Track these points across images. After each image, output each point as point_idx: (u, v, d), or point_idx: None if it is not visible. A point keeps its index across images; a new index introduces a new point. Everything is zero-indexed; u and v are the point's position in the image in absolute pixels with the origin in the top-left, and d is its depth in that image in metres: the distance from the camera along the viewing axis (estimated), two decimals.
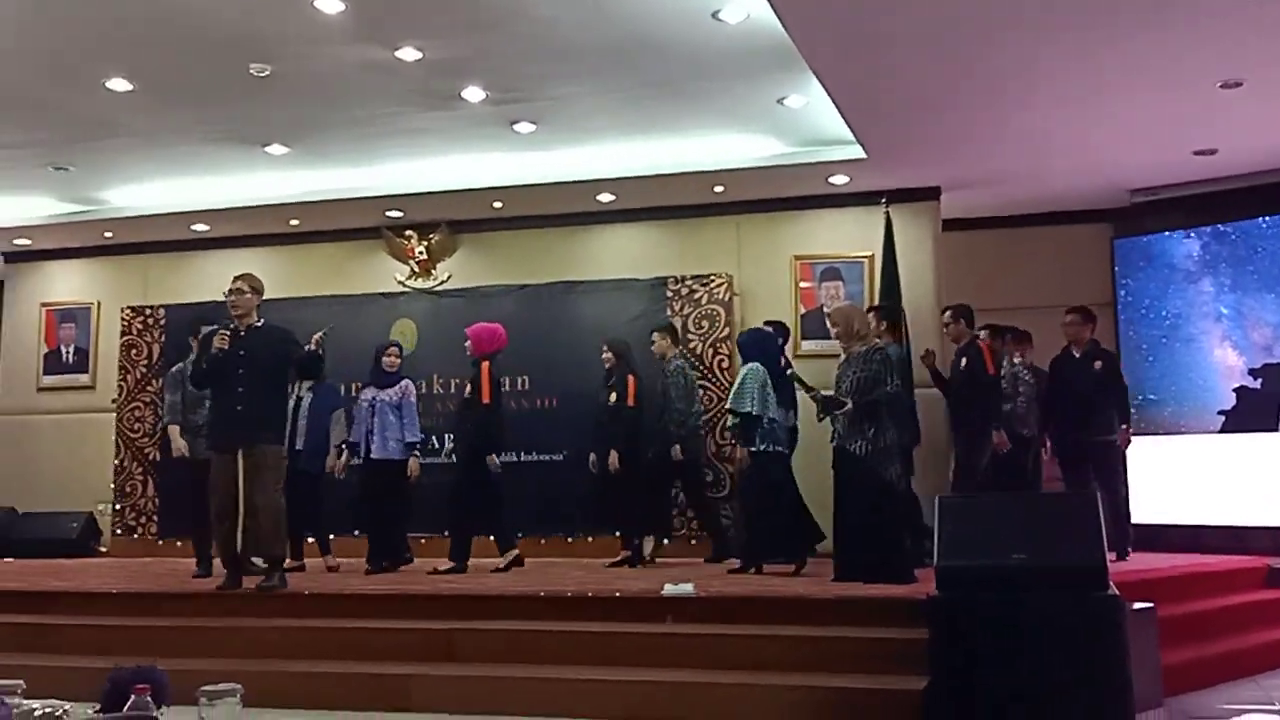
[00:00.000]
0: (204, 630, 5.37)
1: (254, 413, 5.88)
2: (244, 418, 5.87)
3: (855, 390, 5.87)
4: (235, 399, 5.90)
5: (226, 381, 5.93)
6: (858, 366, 5.93)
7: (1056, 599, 4.04)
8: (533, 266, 9.16)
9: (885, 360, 5.95)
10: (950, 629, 4.13)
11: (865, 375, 5.88)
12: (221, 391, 5.97)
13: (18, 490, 9.84)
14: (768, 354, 6.86)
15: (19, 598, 6.10)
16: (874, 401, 5.84)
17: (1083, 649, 3.96)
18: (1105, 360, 7.44)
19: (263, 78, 6.71)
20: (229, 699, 2.59)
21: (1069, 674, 3.92)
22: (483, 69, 6.71)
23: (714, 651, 4.69)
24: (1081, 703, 3.88)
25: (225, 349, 5.86)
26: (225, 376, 5.92)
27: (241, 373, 5.90)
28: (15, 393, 10.25)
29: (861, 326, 6.17)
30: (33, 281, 10.40)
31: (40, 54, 6.40)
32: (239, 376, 5.90)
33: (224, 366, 5.91)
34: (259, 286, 6.11)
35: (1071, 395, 7.34)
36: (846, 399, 5.89)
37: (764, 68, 6.57)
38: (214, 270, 9.73)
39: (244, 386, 5.89)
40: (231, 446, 5.88)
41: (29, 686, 2.36)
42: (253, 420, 5.87)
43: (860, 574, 5.61)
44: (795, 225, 8.80)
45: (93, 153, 8.16)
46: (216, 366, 5.92)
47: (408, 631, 5.15)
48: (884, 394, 5.85)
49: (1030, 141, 7.40)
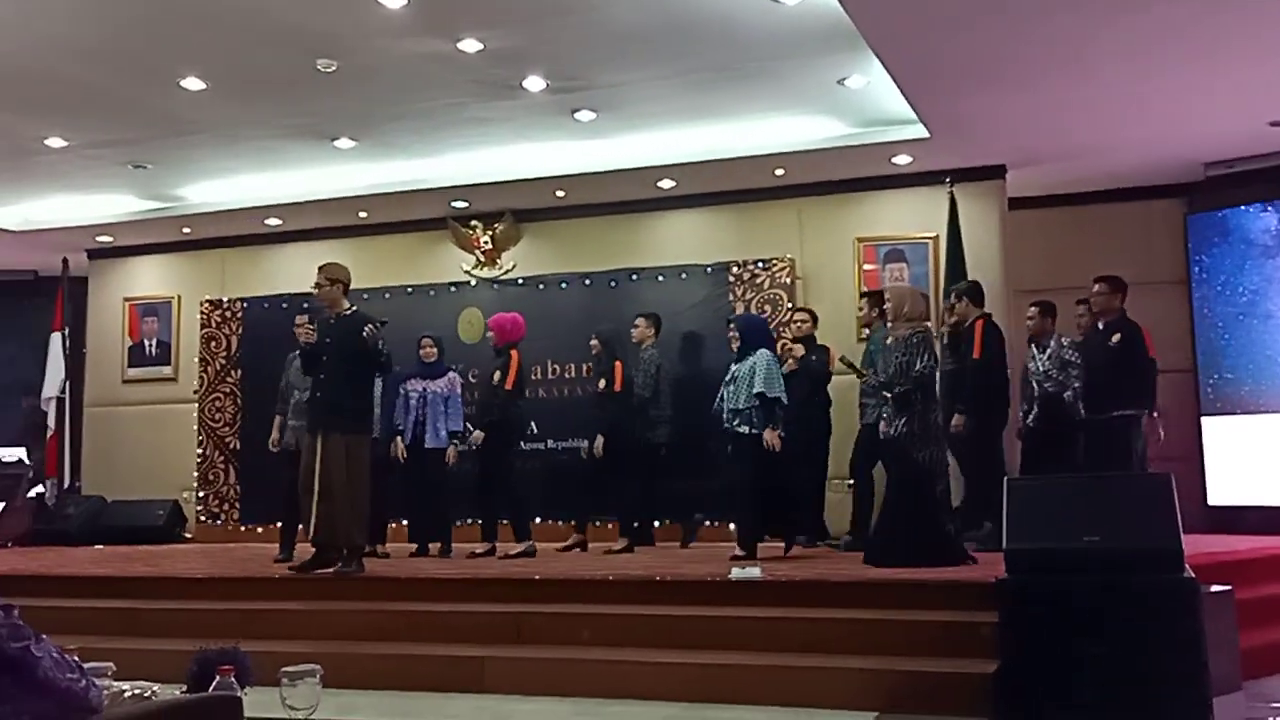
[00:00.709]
0: (285, 613, 5.52)
1: (329, 400, 6.00)
2: (321, 404, 6.03)
3: (898, 373, 5.98)
4: (318, 386, 6.10)
5: (317, 369, 6.13)
6: (900, 350, 6.04)
7: (1131, 582, 4.00)
8: (596, 254, 9.21)
9: (923, 342, 6.03)
10: (1021, 612, 4.10)
11: (905, 360, 5.99)
12: (313, 380, 6.20)
13: (106, 479, 10.19)
14: (771, 342, 6.91)
15: (109, 583, 6.34)
16: (908, 391, 5.93)
17: (1158, 632, 3.91)
18: (1124, 333, 7.02)
19: (329, 73, 6.84)
20: (309, 679, 2.65)
21: (1144, 657, 3.88)
22: (543, 58, 6.76)
23: (781, 635, 4.70)
24: (1156, 686, 3.84)
25: (311, 341, 6.08)
26: (316, 364, 6.13)
27: (326, 360, 6.08)
28: (102, 385, 10.59)
29: (912, 310, 6.18)
30: (116, 277, 10.72)
31: (119, 55, 6.59)
32: (323, 364, 6.09)
33: (315, 355, 6.13)
34: (337, 276, 6.19)
35: (1088, 371, 6.90)
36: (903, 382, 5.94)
37: (823, 48, 6.53)
38: (288, 263, 9.98)
39: (325, 374, 6.06)
40: (311, 431, 6.04)
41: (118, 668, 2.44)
42: (327, 407, 6.00)
43: (896, 559, 5.58)
44: (858, 207, 8.72)
45: (169, 150, 8.39)
46: (306, 356, 6.16)
47: (478, 615, 5.25)
48: (917, 379, 5.92)
49: (1099, 115, 7.23)
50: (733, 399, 6.46)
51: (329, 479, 5.89)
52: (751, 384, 6.38)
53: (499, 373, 7.18)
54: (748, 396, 6.38)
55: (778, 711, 4.11)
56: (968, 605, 4.62)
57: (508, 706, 4.35)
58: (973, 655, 4.25)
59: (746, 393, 6.39)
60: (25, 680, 1.17)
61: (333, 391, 5.98)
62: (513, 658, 4.77)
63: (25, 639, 1.18)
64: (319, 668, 2.70)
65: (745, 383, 6.42)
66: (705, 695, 4.30)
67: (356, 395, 6.11)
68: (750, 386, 6.38)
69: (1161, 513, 4.13)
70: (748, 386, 6.40)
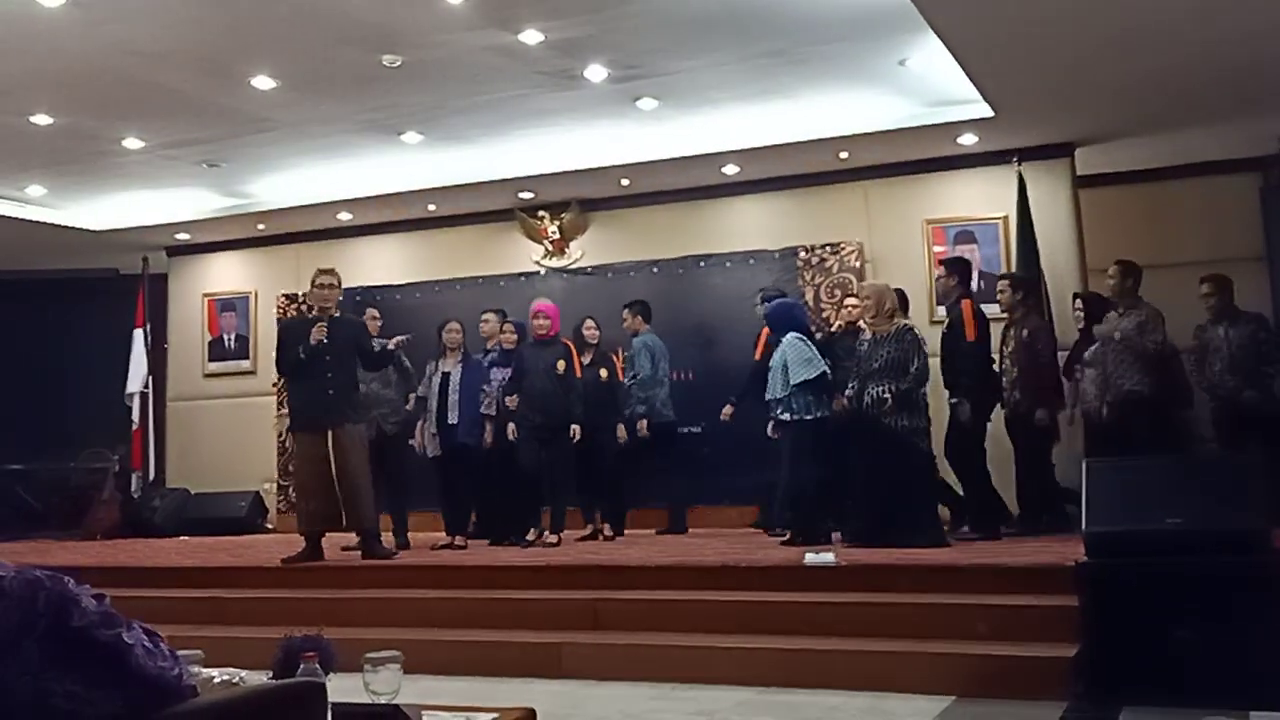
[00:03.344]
0: (366, 601, 5.65)
1: (340, 394, 6.34)
2: (332, 399, 6.31)
3: (887, 369, 6.04)
4: (324, 383, 6.33)
5: (314, 369, 6.34)
6: (889, 346, 6.10)
7: (1216, 564, 3.92)
8: (663, 242, 9.21)
9: (915, 341, 6.10)
10: (1102, 595, 4.04)
11: (896, 355, 6.04)
12: (309, 378, 6.39)
13: (190, 472, 10.48)
14: (796, 322, 6.81)
15: (196, 573, 6.54)
16: (909, 390, 6.00)
17: (1244, 615, 3.83)
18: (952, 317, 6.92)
19: (394, 68, 6.93)
20: (391, 665, 2.69)
21: (1229, 640, 3.80)
22: (603, 47, 6.77)
23: (857, 619, 4.69)
24: (1244, 669, 3.75)
25: (324, 340, 6.27)
26: (313, 364, 6.35)
27: (329, 359, 6.31)
28: (184, 380, 10.88)
29: (891, 306, 6.28)
30: (194, 273, 10.99)
31: (191, 57, 6.74)
32: (325, 363, 6.32)
33: (315, 355, 6.33)
34: (341, 280, 6.69)
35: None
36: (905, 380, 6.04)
37: (884, 29, 6.44)
38: (360, 257, 10.14)
39: (332, 371, 6.34)
40: (321, 427, 6.30)
41: (207, 656, 2.50)
42: (340, 401, 6.33)
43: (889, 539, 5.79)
44: (925, 188, 8.60)
45: (242, 148, 8.56)
46: (310, 355, 6.33)
47: (556, 601, 5.31)
48: (918, 375, 6.04)
49: (1169, 88, 7.03)
50: (771, 389, 6.56)
51: (348, 466, 6.25)
52: (787, 371, 6.45)
53: (563, 361, 7.18)
54: (784, 384, 6.46)
55: (855, 696, 4.10)
56: (1045, 589, 4.57)
57: (585, 691, 4.40)
58: (1051, 639, 4.20)
59: (784, 380, 6.46)
60: (117, 667, 1.20)
61: (341, 387, 6.37)
62: (590, 643, 4.82)
63: (117, 626, 1.21)
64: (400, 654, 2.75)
65: (780, 370, 6.51)
66: (782, 680, 4.31)
67: (357, 390, 6.60)
68: (785, 373, 6.45)
69: (1248, 493, 4.03)
70: (783, 373, 6.47)
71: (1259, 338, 6.99)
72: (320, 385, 6.34)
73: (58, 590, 1.16)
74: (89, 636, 1.17)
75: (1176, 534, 4.01)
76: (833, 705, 4.02)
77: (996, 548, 5.97)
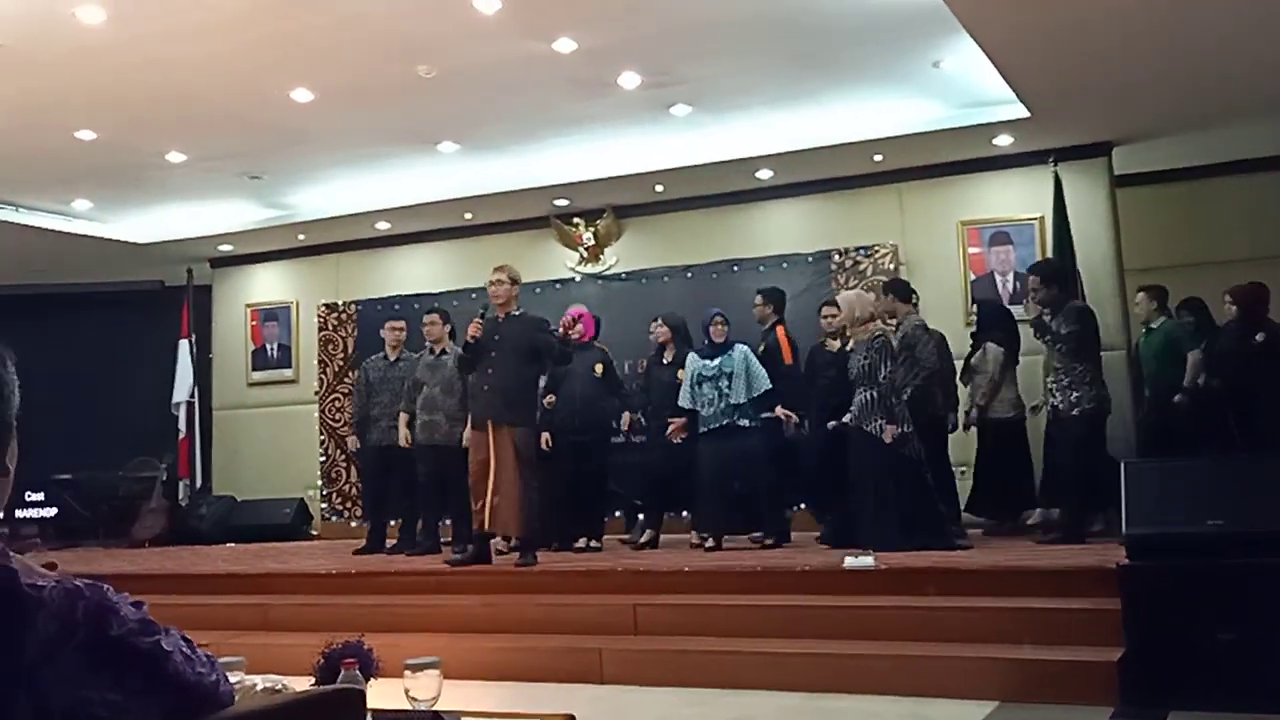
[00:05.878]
0: (408, 608, 5.67)
1: (504, 394, 6.15)
2: (489, 400, 6.17)
3: (864, 376, 6.20)
4: (485, 380, 6.21)
5: (481, 366, 6.24)
6: (862, 353, 6.27)
7: (1262, 565, 3.86)
8: (697, 247, 9.22)
9: (884, 347, 6.24)
10: (1145, 597, 4.00)
11: (867, 363, 6.21)
12: (477, 376, 6.30)
13: (235, 479, 10.63)
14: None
15: (241, 580, 6.61)
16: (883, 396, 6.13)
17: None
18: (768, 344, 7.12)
19: (429, 79, 7.00)
20: (430, 671, 2.72)
21: (1275, 642, 3.74)
22: (636, 54, 6.80)
23: (898, 623, 4.67)
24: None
25: (479, 336, 6.17)
26: (477, 362, 6.26)
27: (495, 355, 6.20)
28: (228, 389, 11.03)
29: (863, 313, 6.42)
30: (237, 284, 11.14)
31: (231, 71, 6.85)
32: (491, 360, 6.20)
33: (479, 352, 6.23)
34: (517, 276, 6.44)
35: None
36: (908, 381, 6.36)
37: (916, 31, 6.43)
38: (398, 265, 10.25)
39: (493, 369, 6.18)
40: (481, 422, 6.19)
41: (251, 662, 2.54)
42: (497, 403, 6.15)
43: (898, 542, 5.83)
44: (960, 190, 8.55)
45: (282, 160, 8.69)
46: (470, 350, 6.25)
47: (595, 606, 5.31)
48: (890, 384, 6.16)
49: (1208, 85, 6.93)
50: (732, 394, 6.73)
51: (501, 468, 6.04)
52: (748, 380, 6.72)
53: (600, 365, 7.20)
54: (748, 391, 6.71)
55: (897, 701, 4.08)
56: (1087, 591, 4.52)
57: (626, 697, 4.41)
58: (1094, 643, 4.16)
59: (746, 388, 6.71)
60: (156, 675, 1.22)
61: (500, 387, 6.15)
62: (630, 649, 4.83)
63: (155, 634, 1.23)
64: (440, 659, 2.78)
65: (742, 378, 6.74)
66: (822, 685, 4.29)
67: (527, 390, 6.40)
68: (748, 380, 6.72)
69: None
70: (745, 381, 6.72)
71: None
72: (479, 384, 6.26)
73: (96, 600, 1.18)
74: (128, 644, 1.19)
75: (1218, 536, 3.96)
76: (874, 711, 4.00)
77: (1035, 550, 5.92)
